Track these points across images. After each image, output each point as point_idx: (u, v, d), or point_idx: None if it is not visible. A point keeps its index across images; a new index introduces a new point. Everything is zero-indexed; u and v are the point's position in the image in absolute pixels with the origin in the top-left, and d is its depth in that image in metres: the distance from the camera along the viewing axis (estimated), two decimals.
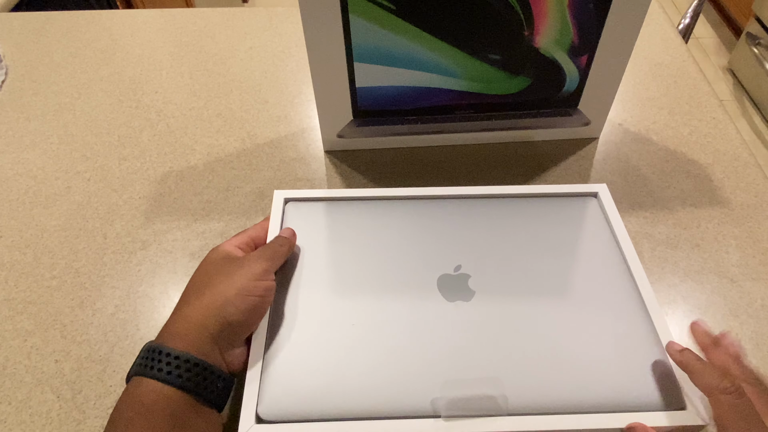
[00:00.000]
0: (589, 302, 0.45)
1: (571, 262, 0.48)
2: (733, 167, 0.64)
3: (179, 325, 0.39)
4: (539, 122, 0.65)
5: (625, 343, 0.43)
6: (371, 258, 0.48)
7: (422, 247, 0.49)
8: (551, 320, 0.44)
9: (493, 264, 0.48)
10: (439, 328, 0.43)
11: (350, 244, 0.49)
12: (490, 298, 0.45)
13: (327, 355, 0.42)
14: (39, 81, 0.77)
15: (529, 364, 0.41)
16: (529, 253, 0.49)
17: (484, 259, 0.48)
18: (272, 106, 0.73)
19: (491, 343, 0.42)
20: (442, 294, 0.45)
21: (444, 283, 0.46)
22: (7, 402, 0.45)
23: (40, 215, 0.60)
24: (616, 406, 0.39)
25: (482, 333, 0.43)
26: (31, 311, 0.51)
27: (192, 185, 0.63)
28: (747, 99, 2.10)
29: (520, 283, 0.46)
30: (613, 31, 0.55)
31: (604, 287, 0.46)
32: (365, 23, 0.53)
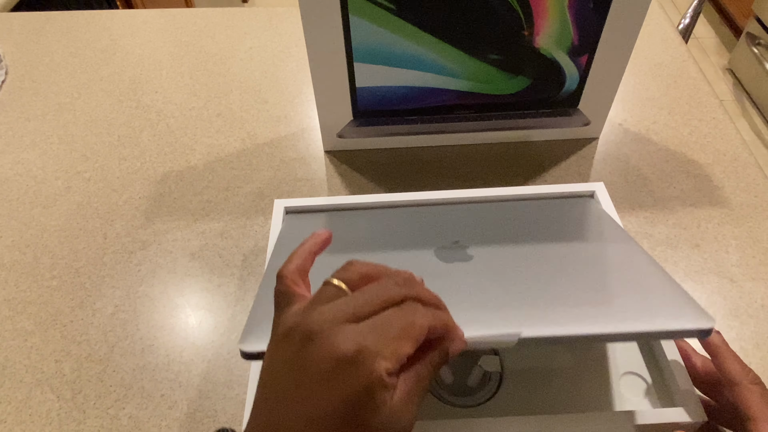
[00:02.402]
0: (596, 264, 0.43)
1: (573, 249, 0.47)
2: (733, 167, 0.64)
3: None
4: (539, 122, 0.65)
5: (637, 279, 0.41)
6: (368, 257, 0.47)
7: (419, 251, 0.48)
8: (557, 266, 0.43)
9: (490, 240, 0.47)
10: (441, 282, 0.40)
11: (347, 250, 0.49)
12: (490, 256, 0.44)
13: None
14: (39, 81, 0.77)
15: (540, 299, 0.39)
16: (527, 248, 0.48)
17: (482, 239, 0.47)
18: (272, 106, 0.73)
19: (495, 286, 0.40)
20: (440, 260, 0.44)
21: (441, 254, 0.45)
22: (7, 402, 0.45)
23: (40, 215, 0.60)
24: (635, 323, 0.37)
25: (485, 279, 0.41)
26: (31, 311, 0.51)
27: (192, 185, 0.63)
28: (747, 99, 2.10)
29: (521, 254, 0.45)
30: (613, 31, 0.55)
31: (609, 253, 0.45)
32: (365, 23, 0.53)
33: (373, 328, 0.27)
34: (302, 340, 0.28)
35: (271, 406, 0.28)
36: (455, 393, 0.42)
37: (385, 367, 0.26)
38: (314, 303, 0.30)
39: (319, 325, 0.28)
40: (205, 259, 0.55)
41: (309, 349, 0.27)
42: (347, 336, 0.27)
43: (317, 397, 0.27)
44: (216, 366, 0.48)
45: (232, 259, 0.55)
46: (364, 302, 0.29)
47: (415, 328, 0.28)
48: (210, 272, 0.54)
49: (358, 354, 0.26)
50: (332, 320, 0.28)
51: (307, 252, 0.36)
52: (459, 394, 0.42)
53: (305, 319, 0.29)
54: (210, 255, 0.56)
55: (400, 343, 0.27)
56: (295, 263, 0.34)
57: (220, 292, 0.53)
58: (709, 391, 0.41)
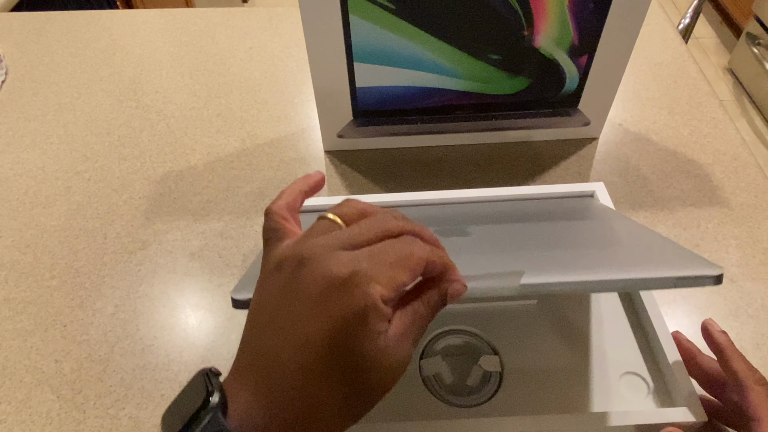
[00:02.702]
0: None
1: (577, 225, 0.47)
2: (733, 167, 0.64)
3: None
4: (539, 122, 0.65)
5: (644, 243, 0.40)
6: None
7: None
8: (561, 237, 0.42)
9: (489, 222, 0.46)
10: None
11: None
12: (491, 232, 0.43)
13: None
14: (39, 81, 0.77)
15: (544, 259, 0.38)
16: (530, 226, 0.47)
17: (481, 222, 0.47)
18: (272, 106, 0.73)
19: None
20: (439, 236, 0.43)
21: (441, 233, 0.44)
22: (7, 402, 0.45)
23: (40, 215, 0.60)
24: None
25: (486, 245, 0.40)
26: (31, 311, 0.51)
27: (192, 185, 0.63)
28: (747, 99, 2.10)
29: (523, 230, 0.44)
30: (613, 31, 0.55)
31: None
32: (365, 23, 0.53)
33: (369, 255, 0.26)
34: (294, 267, 0.27)
35: (261, 334, 0.27)
36: (455, 393, 0.42)
37: (380, 292, 0.25)
38: (307, 236, 0.28)
39: (312, 250, 0.27)
40: (205, 259, 0.55)
41: (301, 273, 0.26)
42: (341, 260, 0.26)
43: (308, 320, 0.25)
44: (216, 366, 0.48)
45: (232, 259, 0.55)
46: (359, 232, 0.27)
47: (412, 258, 0.27)
48: (210, 272, 0.54)
49: (352, 276, 0.25)
50: (326, 246, 0.27)
51: (298, 191, 0.34)
52: (459, 394, 0.42)
53: (297, 248, 0.27)
54: (210, 255, 0.56)
55: (396, 270, 0.26)
56: (284, 199, 0.33)
57: (220, 292, 0.53)
58: (715, 390, 0.40)
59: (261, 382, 0.26)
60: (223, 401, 0.25)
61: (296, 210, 0.33)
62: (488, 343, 0.45)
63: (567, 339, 0.45)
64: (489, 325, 0.46)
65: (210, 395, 0.25)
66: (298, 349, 0.25)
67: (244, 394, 0.26)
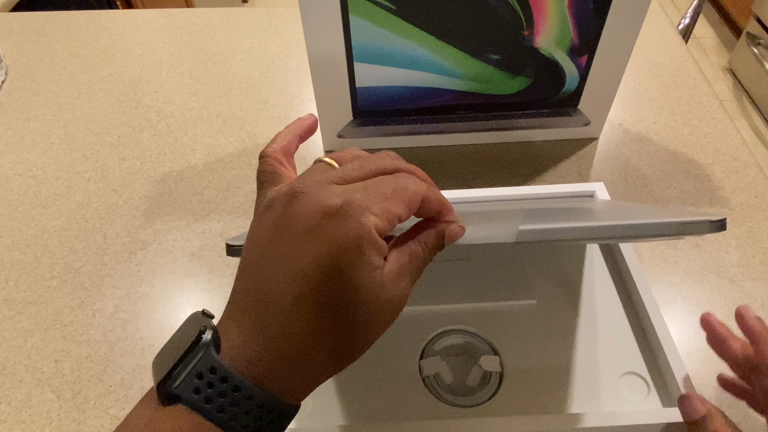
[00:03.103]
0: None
1: (579, 204, 0.46)
2: (733, 167, 0.64)
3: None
4: (539, 122, 0.65)
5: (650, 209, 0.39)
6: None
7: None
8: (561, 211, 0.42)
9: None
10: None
11: None
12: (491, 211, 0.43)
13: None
14: (39, 81, 0.77)
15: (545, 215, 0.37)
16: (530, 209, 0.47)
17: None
18: (272, 106, 0.73)
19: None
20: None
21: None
22: (7, 402, 0.45)
23: (40, 215, 0.60)
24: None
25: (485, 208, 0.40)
26: (31, 311, 0.51)
27: (192, 185, 0.63)
28: (747, 99, 2.10)
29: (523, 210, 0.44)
30: (613, 31, 0.55)
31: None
32: (365, 23, 0.53)
33: (362, 188, 0.26)
34: (286, 201, 0.26)
35: (254, 271, 0.26)
36: (455, 393, 0.42)
37: (374, 221, 0.25)
38: (301, 177, 0.28)
39: (304, 185, 0.26)
40: (205, 259, 0.55)
41: (293, 207, 0.26)
42: (334, 191, 0.25)
43: (302, 251, 0.25)
44: None
45: (232, 259, 0.55)
46: (352, 168, 0.27)
47: (407, 191, 0.26)
48: (210, 272, 0.54)
49: (345, 205, 0.25)
50: (319, 181, 0.26)
51: (292, 134, 0.33)
52: (459, 394, 0.42)
53: (290, 186, 0.27)
54: (210, 255, 0.56)
55: (390, 202, 0.25)
56: (279, 143, 0.32)
57: (220, 292, 0.53)
58: (746, 375, 0.40)
59: (254, 317, 0.25)
60: (216, 339, 0.25)
61: (291, 154, 0.33)
62: (488, 343, 0.45)
63: (567, 339, 0.45)
64: (489, 325, 0.46)
65: (202, 333, 0.25)
66: (291, 281, 0.25)
67: (237, 330, 0.25)
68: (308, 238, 0.25)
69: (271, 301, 0.25)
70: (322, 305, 0.25)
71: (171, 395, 0.24)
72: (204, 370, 0.24)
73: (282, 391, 0.25)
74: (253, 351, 0.25)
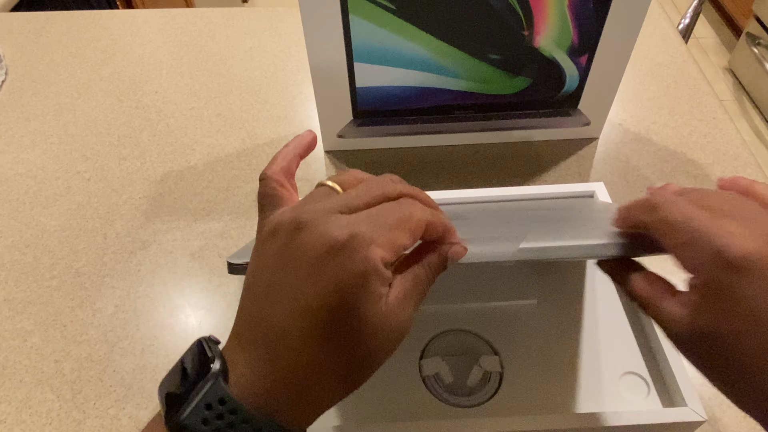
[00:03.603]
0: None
1: (577, 210, 0.46)
2: (733, 167, 0.64)
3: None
4: (539, 122, 0.65)
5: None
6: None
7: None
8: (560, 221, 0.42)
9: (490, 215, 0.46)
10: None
11: None
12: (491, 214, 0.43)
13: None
14: (39, 81, 0.77)
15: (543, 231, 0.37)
16: (529, 212, 0.48)
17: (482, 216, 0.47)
18: (272, 106, 0.73)
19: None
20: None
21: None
22: (7, 402, 0.45)
23: (40, 215, 0.60)
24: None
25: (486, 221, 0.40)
26: (31, 311, 0.51)
27: (192, 185, 0.63)
28: (747, 99, 2.10)
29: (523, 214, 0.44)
30: (613, 31, 0.55)
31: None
32: (365, 23, 0.53)
33: (367, 218, 0.26)
34: (291, 231, 0.26)
35: (259, 301, 0.26)
36: (455, 393, 0.42)
37: (380, 254, 0.25)
38: (304, 202, 0.27)
39: (309, 215, 0.26)
40: (205, 259, 0.55)
41: (298, 238, 0.25)
42: (339, 223, 0.25)
43: (307, 285, 0.25)
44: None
45: None
46: (356, 195, 0.27)
47: (412, 220, 0.26)
48: (210, 272, 0.54)
49: (351, 239, 0.24)
50: (323, 210, 0.26)
51: (292, 154, 0.33)
52: (459, 394, 0.42)
53: (294, 213, 0.26)
54: (210, 255, 0.56)
55: (396, 233, 0.26)
56: (279, 164, 0.32)
57: (220, 292, 0.53)
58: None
59: (261, 350, 0.25)
60: (224, 368, 0.25)
61: (292, 174, 0.32)
62: (488, 343, 0.45)
63: (567, 339, 0.45)
64: (489, 325, 0.46)
65: (210, 362, 0.25)
66: (298, 315, 0.25)
67: (245, 361, 0.25)
68: (314, 272, 0.25)
69: (279, 335, 0.25)
70: (329, 339, 0.25)
71: (180, 426, 0.24)
72: (213, 401, 0.24)
73: (290, 421, 0.25)
74: (261, 383, 0.25)
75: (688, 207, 0.28)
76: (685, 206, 0.28)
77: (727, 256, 0.25)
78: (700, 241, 0.26)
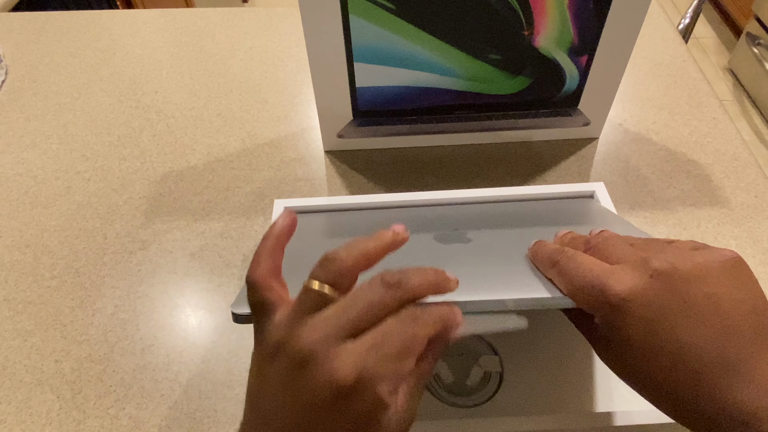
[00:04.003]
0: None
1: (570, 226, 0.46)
2: (733, 167, 0.64)
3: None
4: (539, 122, 0.65)
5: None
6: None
7: (418, 249, 0.48)
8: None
9: (489, 226, 0.46)
10: (437, 259, 0.39)
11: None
12: (490, 239, 0.42)
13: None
14: (39, 81, 0.77)
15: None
16: (529, 231, 0.47)
17: (480, 225, 0.47)
18: (272, 106, 0.73)
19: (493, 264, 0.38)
20: (438, 242, 0.42)
21: (441, 237, 0.43)
22: (7, 402, 0.45)
23: (40, 215, 0.60)
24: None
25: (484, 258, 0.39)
26: (31, 311, 0.51)
27: (192, 185, 0.63)
28: (747, 99, 2.10)
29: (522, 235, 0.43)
30: (613, 31, 0.55)
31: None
32: (365, 23, 0.53)
33: (372, 347, 0.25)
34: (295, 363, 0.26)
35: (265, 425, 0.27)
36: (455, 393, 0.42)
37: (388, 390, 0.26)
38: (298, 313, 0.27)
39: (311, 345, 0.26)
40: (205, 259, 0.55)
41: (304, 376, 0.25)
42: (345, 361, 0.25)
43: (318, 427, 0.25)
44: (216, 366, 0.48)
45: (232, 259, 0.55)
46: (356, 316, 0.26)
47: (416, 341, 0.26)
48: (210, 272, 0.54)
49: (358, 382, 0.25)
50: (325, 339, 0.26)
51: (274, 248, 0.31)
52: (459, 394, 0.42)
53: (294, 337, 0.26)
54: (210, 255, 0.56)
55: (401, 362, 0.26)
56: (263, 265, 0.30)
57: (220, 292, 0.53)
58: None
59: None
60: None
61: (278, 271, 0.31)
62: (488, 343, 0.45)
63: (567, 339, 0.45)
64: None
65: None
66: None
67: None
68: (323, 415, 0.25)
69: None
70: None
71: None
72: None
73: None
74: None
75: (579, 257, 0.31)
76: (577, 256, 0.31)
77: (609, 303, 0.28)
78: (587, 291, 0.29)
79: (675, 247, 0.30)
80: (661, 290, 0.27)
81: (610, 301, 0.28)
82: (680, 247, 0.30)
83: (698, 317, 0.26)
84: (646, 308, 0.27)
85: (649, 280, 0.27)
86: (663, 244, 0.31)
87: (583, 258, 0.31)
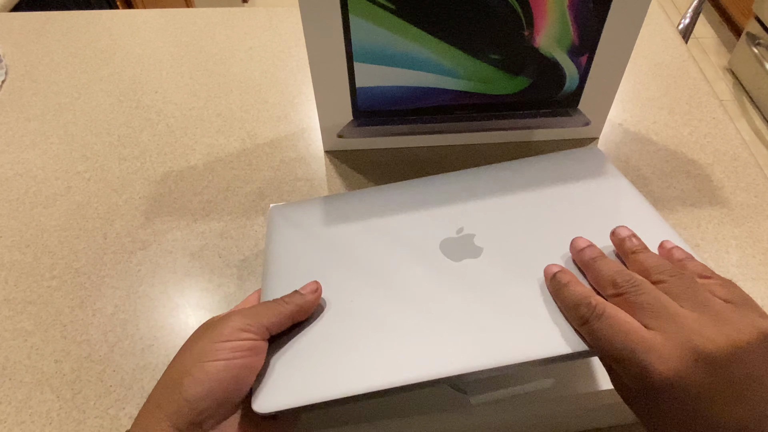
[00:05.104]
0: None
1: (581, 211, 0.44)
2: (733, 167, 0.64)
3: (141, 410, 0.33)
4: (539, 122, 0.65)
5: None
6: (367, 240, 0.44)
7: (420, 220, 0.45)
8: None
9: (498, 222, 0.44)
10: (447, 290, 0.38)
11: (343, 231, 0.46)
12: (501, 252, 0.41)
13: (325, 335, 0.37)
14: (39, 81, 0.77)
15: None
16: (535, 207, 0.45)
17: (488, 220, 0.45)
18: (272, 106, 0.73)
19: (507, 295, 0.38)
20: (447, 257, 0.41)
21: (448, 246, 0.42)
22: (7, 402, 0.45)
23: (40, 215, 0.60)
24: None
25: (497, 287, 0.39)
26: (31, 311, 0.51)
27: (192, 185, 0.63)
28: (747, 99, 2.10)
29: (531, 235, 0.42)
30: (613, 31, 0.55)
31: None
32: (365, 23, 0.53)
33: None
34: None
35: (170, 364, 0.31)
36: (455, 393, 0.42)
37: None
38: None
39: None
40: (205, 259, 0.55)
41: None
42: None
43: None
44: None
45: (232, 259, 0.55)
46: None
47: None
48: (210, 272, 0.54)
49: None
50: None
51: (290, 315, 0.36)
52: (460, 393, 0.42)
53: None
54: (210, 255, 0.56)
55: None
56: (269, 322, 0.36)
57: (220, 292, 0.53)
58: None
59: None
60: None
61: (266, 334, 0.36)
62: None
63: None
64: None
65: None
66: None
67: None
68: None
69: None
70: None
71: None
72: None
73: None
74: None
75: (611, 316, 0.31)
76: (609, 315, 0.31)
77: (650, 381, 0.28)
78: (626, 363, 0.29)
79: (716, 313, 0.30)
80: (705, 373, 0.28)
81: (652, 381, 0.28)
82: (720, 312, 0.30)
83: (738, 398, 0.27)
84: (687, 391, 0.28)
85: (693, 364, 0.28)
86: (696, 294, 0.31)
87: (616, 317, 0.31)
